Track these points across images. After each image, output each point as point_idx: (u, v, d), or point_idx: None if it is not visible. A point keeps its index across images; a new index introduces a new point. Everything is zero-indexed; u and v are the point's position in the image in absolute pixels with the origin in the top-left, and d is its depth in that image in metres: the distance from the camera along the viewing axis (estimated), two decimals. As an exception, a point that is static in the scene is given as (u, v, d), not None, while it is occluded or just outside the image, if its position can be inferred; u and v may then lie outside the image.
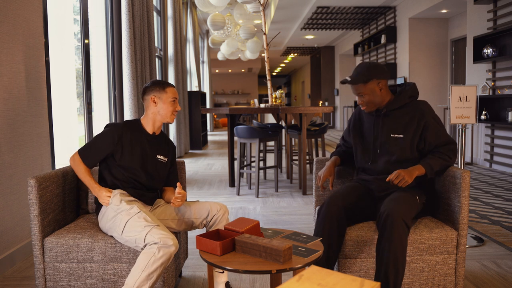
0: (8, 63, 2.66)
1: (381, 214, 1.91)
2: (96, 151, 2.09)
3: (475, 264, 2.60)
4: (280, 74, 30.27)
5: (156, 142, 2.22)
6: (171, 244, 1.82)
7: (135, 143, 2.12)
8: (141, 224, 1.87)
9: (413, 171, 2.03)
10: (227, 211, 2.17)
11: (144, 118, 2.21)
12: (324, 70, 16.11)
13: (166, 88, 2.17)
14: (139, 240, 1.85)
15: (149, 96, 2.16)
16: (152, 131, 2.20)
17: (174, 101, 2.18)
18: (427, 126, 2.09)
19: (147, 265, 1.77)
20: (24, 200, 2.83)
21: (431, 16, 8.52)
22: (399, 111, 2.15)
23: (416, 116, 2.10)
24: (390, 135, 2.14)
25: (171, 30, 7.53)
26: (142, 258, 1.79)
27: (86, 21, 4.10)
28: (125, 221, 1.90)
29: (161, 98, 2.16)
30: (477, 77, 6.49)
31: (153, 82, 2.20)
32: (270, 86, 5.43)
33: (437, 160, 2.07)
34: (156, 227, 1.87)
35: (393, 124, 2.15)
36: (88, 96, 4.06)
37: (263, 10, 5.39)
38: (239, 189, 4.68)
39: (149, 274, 1.77)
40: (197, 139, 9.22)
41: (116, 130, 2.10)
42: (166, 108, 2.16)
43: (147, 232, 1.84)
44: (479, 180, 5.29)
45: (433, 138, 2.09)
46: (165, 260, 1.80)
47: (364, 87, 2.12)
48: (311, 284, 0.97)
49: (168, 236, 1.83)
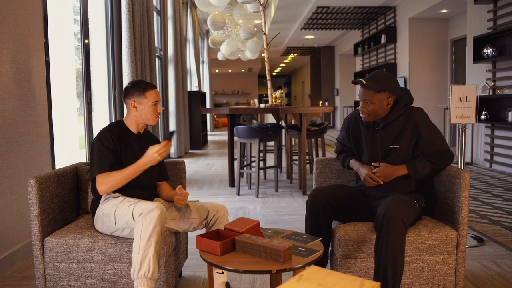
0: (8, 63, 2.66)
1: (379, 214, 1.92)
2: (107, 155, 2.02)
3: (475, 264, 2.60)
4: (280, 74, 30.27)
5: (143, 141, 2.20)
6: (153, 207, 1.85)
7: (124, 145, 2.11)
8: (126, 205, 1.94)
9: (395, 171, 2.09)
10: (227, 212, 2.17)
11: (127, 119, 2.18)
12: (324, 70, 16.11)
13: (146, 93, 2.10)
14: (129, 220, 1.89)
15: (129, 100, 2.12)
16: (137, 131, 2.19)
17: (156, 104, 2.13)
18: (420, 136, 2.10)
19: (140, 236, 1.81)
20: (24, 200, 2.83)
21: (431, 16, 8.53)
22: (394, 122, 2.13)
23: (409, 125, 2.09)
24: (389, 146, 2.14)
25: (171, 30, 7.53)
26: (135, 231, 1.84)
27: (86, 21, 4.10)
28: (114, 211, 1.96)
29: (141, 103, 2.11)
30: (477, 77, 6.49)
31: (133, 85, 2.13)
32: (270, 86, 5.43)
33: (426, 164, 2.09)
34: (139, 201, 1.93)
35: (390, 135, 2.13)
36: (88, 96, 4.06)
37: (263, 10, 5.39)
38: (239, 189, 4.68)
39: (146, 242, 1.80)
40: (197, 139, 9.22)
41: (109, 132, 2.07)
42: (147, 112, 2.12)
43: (132, 209, 1.90)
44: (479, 180, 5.29)
45: (425, 146, 2.11)
46: (155, 224, 1.82)
47: (374, 95, 2.06)
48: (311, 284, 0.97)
49: (150, 204, 1.87)
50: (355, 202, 2.19)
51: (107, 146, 2.03)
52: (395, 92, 2.09)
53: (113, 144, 2.05)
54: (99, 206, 2.06)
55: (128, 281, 1.97)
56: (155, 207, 1.86)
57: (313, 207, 2.11)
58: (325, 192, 2.13)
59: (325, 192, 2.13)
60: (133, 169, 2.00)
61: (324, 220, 2.11)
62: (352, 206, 2.18)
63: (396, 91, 2.09)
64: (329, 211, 2.11)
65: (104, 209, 2.00)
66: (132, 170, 2.00)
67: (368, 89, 2.07)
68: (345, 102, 15.06)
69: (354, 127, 2.29)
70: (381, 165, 2.12)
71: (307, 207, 2.15)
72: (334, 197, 2.13)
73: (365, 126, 2.22)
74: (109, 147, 2.04)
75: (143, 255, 1.79)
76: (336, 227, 2.12)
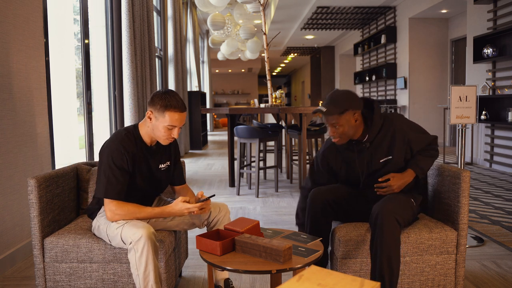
0: (8, 63, 2.66)
1: (373, 213, 1.92)
2: (118, 179, 1.86)
3: (475, 264, 2.60)
4: (280, 74, 30.26)
5: (157, 151, 2.03)
6: (140, 236, 1.77)
7: (136, 164, 1.94)
8: (114, 226, 1.88)
9: (405, 178, 2.04)
10: (228, 211, 2.17)
11: (143, 127, 1.97)
12: (324, 70, 16.11)
13: (165, 112, 1.85)
14: (121, 244, 1.87)
15: (149, 109, 1.90)
16: (150, 144, 1.99)
17: (171, 128, 1.89)
18: (410, 140, 2.07)
19: (137, 266, 1.80)
20: (24, 200, 2.83)
21: (431, 16, 8.53)
22: (379, 135, 2.08)
23: (396, 135, 2.06)
24: (379, 161, 2.08)
25: (171, 30, 7.53)
26: (130, 258, 1.82)
27: (86, 21, 4.10)
28: (105, 229, 1.92)
29: (158, 118, 1.88)
30: (477, 77, 6.49)
31: (160, 95, 1.88)
32: (270, 86, 5.43)
33: (427, 159, 2.09)
34: (125, 225, 1.85)
35: (380, 149, 2.08)
36: (88, 96, 4.06)
37: (263, 10, 5.39)
38: (239, 189, 4.67)
39: (143, 272, 1.80)
40: (197, 139, 9.22)
41: (122, 147, 1.88)
42: (159, 131, 1.90)
43: (120, 232, 1.84)
44: (479, 180, 5.29)
45: (418, 146, 2.10)
46: (147, 253, 1.78)
47: (339, 118, 1.98)
48: (311, 284, 0.97)
49: (135, 231, 1.79)
50: (354, 202, 2.19)
51: (119, 166, 1.85)
52: (357, 107, 2.01)
53: (126, 163, 1.87)
54: (96, 217, 2.01)
55: (128, 281, 1.97)
56: (141, 235, 1.76)
57: (312, 207, 2.12)
58: (324, 192, 2.13)
59: (324, 192, 2.13)
60: (155, 213, 1.91)
61: (324, 220, 2.11)
62: (351, 206, 2.18)
63: (358, 105, 2.01)
64: (328, 211, 2.11)
65: (100, 224, 1.96)
66: (153, 215, 1.91)
67: (331, 115, 1.99)
68: (345, 102, 15.03)
69: (334, 158, 2.20)
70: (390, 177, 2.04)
71: (306, 207, 2.15)
72: (333, 197, 2.13)
73: (347, 150, 2.14)
74: (122, 167, 1.86)
75: (144, 283, 1.80)
76: (336, 227, 2.12)
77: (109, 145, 1.90)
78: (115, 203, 1.87)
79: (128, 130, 1.96)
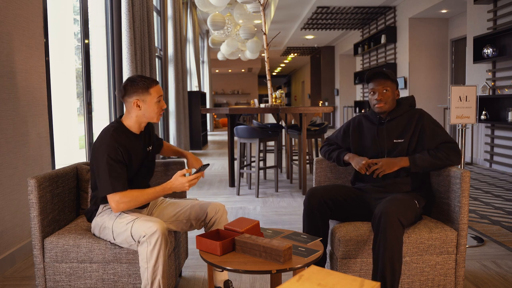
0: (8, 63, 2.66)
1: (376, 213, 1.92)
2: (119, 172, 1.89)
3: (475, 264, 2.60)
4: (280, 74, 30.27)
5: (143, 137, 2.10)
6: (155, 230, 1.81)
7: (130, 154, 1.98)
8: (124, 222, 1.89)
9: (398, 162, 2.14)
10: (226, 212, 2.16)
11: (127, 119, 2.01)
12: (324, 70, 16.11)
13: (150, 89, 1.95)
14: (129, 239, 1.87)
15: (131, 99, 1.95)
16: (139, 131, 2.05)
17: (159, 100, 2.00)
18: (423, 130, 2.17)
19: (147, 259, 1.81)
20: (24, 200, 2.83)
21: (431, 16, 8.52)
22: (399, 118, 2.24)
23: (414, 121, 2.20)
24: (393, 140, 2.21)
25: (171, 30, 7.53)
26: (140, 254, 1.84)
27: (86, 21, 4.10)
28: (111, 225, 1.92)
29: (145, 100, 1.96)
30: (477, 77, 6.49)
31: (133, 82, 1.96)
32: (270, 86, 5.43)
33: (426, 157, 2.11)
34: (137, 219, 1.88)
35: (395, 130, 2.22)
36: (88, 96, 4.06)
37: (263, 10, 5.39)
38: (239, 189, 4.68)
39: (153, 266, 1.81)
40: (197, 139, 9.22)
41: (115, 142, 1.91)
42: (152, 110, 1.98)
43: (131, 228, 1.86)
44: (479, 180, 5.29)
45: (429, 140, 2.16)
46: (159, 247, 1.81)
47: (392, 84, 2.22)
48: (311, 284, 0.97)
49: (151, 225, 1.82)
50: (354, 201, 2.19)
51: (117, 160, 1.90)
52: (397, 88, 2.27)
53: (121, 156, 1.92)
54: (95, 218, 2.01)
55: (128, 281, 1.97)
56: (156, 229, 1.80)
57: (309, 206, 2.13)
58: (321, 191, 2.15)
59: (321, 191, 2.15)
60: (157, 192, 1.93)
61: (321, 220, 2.12)
62: (350, 205, 2.19)
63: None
64: (325, 211, 2.12)
65: (102, 222, 1.96)
66: (156, 194, 1.93)
67: (386, 79, 2.20)
68: (345, 102, 15.06)
69: (357, 127, 2.36)
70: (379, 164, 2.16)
71: (304, 207, 2.17)
72: (331, 196, 2.14)
73: (369, 122, 2.31)
74: (119, 160, 1.90)
75: (152, 277, 1.82)
76: (336, 227, 2.12)
77: (101, 144, 1.92)
78: (119, 194, 1.88)
79: (114, 126, 1.99)
